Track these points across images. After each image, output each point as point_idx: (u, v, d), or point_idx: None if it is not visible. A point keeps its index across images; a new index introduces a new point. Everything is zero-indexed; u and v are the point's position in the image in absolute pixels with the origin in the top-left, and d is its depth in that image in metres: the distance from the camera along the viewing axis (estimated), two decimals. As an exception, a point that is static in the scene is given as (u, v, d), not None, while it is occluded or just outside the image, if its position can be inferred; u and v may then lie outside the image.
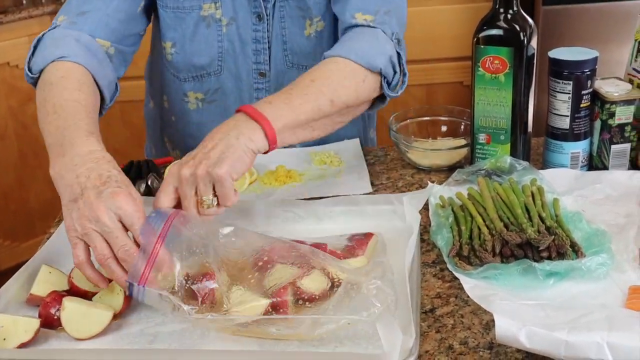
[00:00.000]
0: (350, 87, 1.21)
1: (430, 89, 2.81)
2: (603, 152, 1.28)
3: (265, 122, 1.09)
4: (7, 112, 2.67)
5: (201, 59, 1.44)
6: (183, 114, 1.51)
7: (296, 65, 1.45)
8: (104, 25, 1.31)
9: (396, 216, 1.16)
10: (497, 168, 1.24)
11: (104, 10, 1.31)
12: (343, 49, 1.24)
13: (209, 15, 1.40)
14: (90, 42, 1.28)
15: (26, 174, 2.73)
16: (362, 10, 1.30)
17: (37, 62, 1.25)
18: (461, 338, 0.92)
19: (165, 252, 0.94)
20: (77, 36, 1.27)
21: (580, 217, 1.10)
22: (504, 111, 1.25)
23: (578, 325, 0.84)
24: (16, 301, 1.02)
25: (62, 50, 1.23)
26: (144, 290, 0.92)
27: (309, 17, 1.41)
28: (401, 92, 1.29)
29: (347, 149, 1.46)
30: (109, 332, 0.96)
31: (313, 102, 1.15)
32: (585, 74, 1.24)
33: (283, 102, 1.13)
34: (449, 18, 2.73)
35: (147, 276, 0.92)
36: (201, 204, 1.02)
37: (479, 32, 1.23)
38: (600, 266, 1.00)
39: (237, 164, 1.03)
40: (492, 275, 1.01)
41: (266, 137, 1.08)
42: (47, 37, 1.28)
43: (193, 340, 0.93)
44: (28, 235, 2.71)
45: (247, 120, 1.09)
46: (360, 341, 0.90)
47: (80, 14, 1.30)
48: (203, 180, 1.01)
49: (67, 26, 1.29)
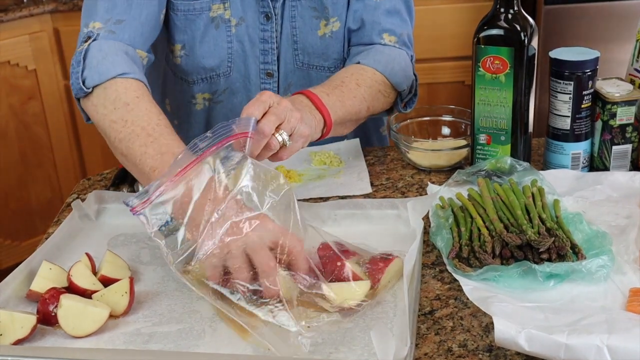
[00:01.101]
0: (380, 99, 1.37)
1: (432, 88, 2.81)
2: (604, 153, 1.28)
3: (327, 115, 1.21)
4: (8, 111, 2.67)
5: (210, 61, 1.42)
6: (189, 116, 1.50)
7: (307, 64, 1.46)
8: (140, 34, 1.29)
9: (401, 221, 1.15)
10: (497, 169, 1.24)
11: (139, 19, 1.29)
12: (380, 64, 1.38)
13: (218, 16, 1.39)
14: (135, 56, 1.27)
15: (27, 174, 2.73)
16: (389, 32, 1.44)
17: (92, 76, 1.21)
18: (460, 340, 0.91)
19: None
20: (124, 49, 1.26)
21: (581, 219, 1.09)
22: (505, 112, 1.24)
23: (578, 328, 0.84)
24: (16, 296, 1.02)
25: (121, 67, 1.21)
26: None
27: (325, 17, 1.42)
28: (410, 109, 1.44)
29: (347, 149, 1.45)
30: (105, 330, 0.95)
31: (358, 105, 1.31)
32: (587, 74, 1.23)
33: (338, 99, 1.26)
34: (451, 17, 2.72)
35: None
36: (277, 132, 1.07)
37: (480, 32, 1.22)
38: (600, 268, 0.99)
39: (308, 137, 1.13)
40: (492, 277, 1.00)
41: (323, 128, 1.21)
42: (94, 48, 1.24)
43: (189, 341, 0.93)
44: (28, 234, 2.71)
45: (312, 108, 1.20)
46: (356, 348, 0.90)
47: (117, 22, 1.27)
48: (290, 122, 1.08)
49: (106, 36, 1.26)
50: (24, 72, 2.67)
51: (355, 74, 1.35)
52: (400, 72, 1.40)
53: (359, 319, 0.94)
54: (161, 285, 1.05)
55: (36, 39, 2.66)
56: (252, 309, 0.91)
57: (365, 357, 0.88)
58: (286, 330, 0.90)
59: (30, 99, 2.69)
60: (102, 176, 1.42)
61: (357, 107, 1.30)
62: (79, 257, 1.07)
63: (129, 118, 1.15)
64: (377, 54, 1.40)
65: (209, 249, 0.94)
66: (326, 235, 1.04)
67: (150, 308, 1.00)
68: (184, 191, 0.97)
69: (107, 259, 1.05)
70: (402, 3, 1.45)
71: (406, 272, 0.92)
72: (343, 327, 0.93)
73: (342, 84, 1.30)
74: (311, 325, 0.91)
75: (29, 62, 2.66)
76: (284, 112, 1.08)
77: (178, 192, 0.97)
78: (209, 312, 0.98)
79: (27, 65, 2.66)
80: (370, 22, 1.43)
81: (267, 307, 0.91)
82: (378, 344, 0.82)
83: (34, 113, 2.72)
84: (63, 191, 2.75)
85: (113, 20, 1.28)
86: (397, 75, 1.39)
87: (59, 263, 1.06)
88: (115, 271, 1.04)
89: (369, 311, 0.96)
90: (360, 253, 1.03)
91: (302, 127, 1.11)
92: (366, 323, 0.94)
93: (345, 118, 1.28)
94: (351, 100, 1.29)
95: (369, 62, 1.38)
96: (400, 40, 1.45)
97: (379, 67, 1.37)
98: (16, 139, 2.70)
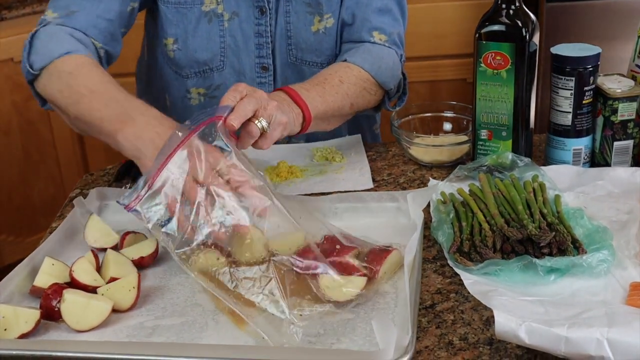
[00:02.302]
0: (365, 97, 1.38)
1: (433, 86, 2.81)
2: (605, 148, 1.28)
3: (306, 109, 1.22)
4: (11, 108, 2.67)
5: (203, 55, 1.44)
6: (184, 110, 1.51)
7: (300, 60, 1.46)
8: (92, 25, 1.32)
9: (401, 213, 1.16)
10: (498, 164, 1.24)
11: (93, 11, 1.32)
12: (366, 62, 1.39)
13: (211, 11, 1.40)
14: (83, 38, 1.30)
15: (30, 170, 2.74)
16: (379, 30, 1.44)
17: (38, 59, 1.26)
18: (461, 334, 0.92)
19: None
20: (71, 32, 1.29)
21: (582, 214, 1.10)
22: (506, 107, 1.24)
23: (578, 321, 0.84)
24: (19, 292, 1.03)
25: (65, 46, 1.25)
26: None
27: (319, 13, 1.43)
28: (398, 108, 1.45)
29: (349, 145, 1.46)
30: (108, 324, 0.96)
31: (340, 101, 1.31)
32: (588, 70, 1.23)
33: (318, 95, 1.27)
34: (453, 15, 2.72)
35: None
36: (257, 119, 1.09)
37: (481, 28, 1.22)
38: (601, 263, 1.00)
39: (287, 124, 1.14)
40: (493, 271, 1.00)
41: (303, 122, 1.22)
42: (42, 33, 1.29)
43: (192, 334, 0.94)
44: (31, 230, 2.71)
45: (291, 102, 1.21)
46: (357, 339, 0.90)
47: (69, 14, 1.31)
48: (267, 109, 1.10)
49: (58, 22, 1.30)
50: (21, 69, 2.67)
51: (339, 71, 1.36)
52: (388, 71, 1.41)
53: (359, 309, 0.95)
54: (163, 279, 1.06)
55: (39, 36, 2.67)
56: (249, 296, 0.93)
57: (367, 347, 0.89)
58: (279, 319, 0.91)
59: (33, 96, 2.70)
60: (105, 171, 1.42)
61: (339, 102, 1.31)
62: (81, 253, 1.07)
63: (73, 83, 1.20)
64: (365, 53, 1.41)
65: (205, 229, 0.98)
66: (331, 227, 1.05)
67: (152, 302, 1.00)
68: (171, 180, 1.00)
69: (110, 258, 1.05)
70: (395, 3, 1.46)
71: (407, 263, 0.93)
72: (343, 317, 0.94)
73: (325, 80, 1.32)
74: (303, 314, 0.92)
75: (32, 59, 2.66)
76: (260, 99, 1.10)
77: (166, 182, 0.99)
78: (211, 305, 0.99)
79: (31, 62, 2.67)
80: (361, 19, 1.44)
81: (261, 295, 0.93)
82: (379, 333, 0.83)
83: (37, 110, 2.72)
84: (66, 188, 2.75)
85: (67, 11, 1.31)
86: (383, 74, 1.40)
87: (62, 259, 1.07)
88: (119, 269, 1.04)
89: (370, 302, 0.97)
90: (361, 245, 1.04)
91: (279, 115, 1.12)
92: (367, 314, 0.95)
93: (327, 113, 1.29)
94: (333, 96, 1.30)
95: (356, 60, 1.39)
96: (390, 39, 1.45)
97: (365, 65, 1.38)
98: (19, 135, 2.70)
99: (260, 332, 0.90)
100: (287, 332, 0.90)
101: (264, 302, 0.92)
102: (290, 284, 0.94)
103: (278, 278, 0.94)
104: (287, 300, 0.92)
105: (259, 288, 0.94)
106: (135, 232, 1.13)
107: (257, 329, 0.90)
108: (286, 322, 0.91)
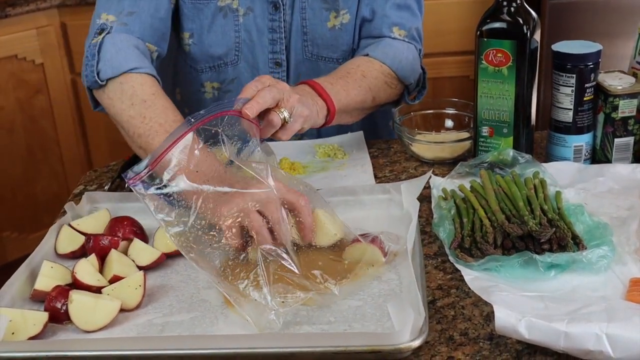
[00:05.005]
0: (387, 91, 1.41)
1: (436, 83, 2.81)
2: (606, 145, 1.28)
3: (330, 102, 1.25)
4: (15, 105, 2.68)
5: (218, 49, 1.45)
6: (199, 104, 1.52)
7: (316, 56, 1.47)
8: (149, 26, 1.34)
9: (393, 204, 1.18)
10: (499, 161, 1.25)
11: (148, 11, 1.34)
12: (387, 57, 1.41)
13: (226, 6, 1.42)
14: (145, 50, 1.33)
15: (33, 167, 2.75)
16: (399, 25, 1.46)
17: (107, 70, 1.27)
18: (461, 329, 0.93)
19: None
20: (135, 43, 1.31)
21: (582, 210, 1.10)
22: (507, 104, 1.25)
23: (577, 317, 0.85)
24: (20, 297, 1.01)
25: (132, 62, 1.27)
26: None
27: (335, 9, 1.44)
28: (417, 101, 1.47)
29: (351, 142, 1.46)
30: (116, 324, 0.96)
31: (363, 94, 1.35)
32: (589, 67, 1.24)
33: (342, 88, 1.30)
34: (455, 12, 2.72)
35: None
36: (278, 110, 1.11)
37: (482, 25, 1.23)
38: (601, 258, 1.00)
39: (307, 118, 1.17)
40: (493, 267, 1.01)
41: (327, 115, 1.25)
42: (108, 42, 1.30)
43: (203, 328, 0.94)
44: (35, 227, 2.72)
45: (315, 95, 1.24)
46: (368, 324, 0.92)
47: (129, 14, 1.32)
48: (289, 101, 1.12)
49: (119, 29, 1.31)
50: (31, 66, 2.68)
51: (362, 65, 1.38)
52: (408, 66, 1.43)
53: (366, 297, 0.97)
54: (165, 278, 1.06)
55: (43, 33, 2.68)
56: (235, 282, 0.95)
57: (380, 331, 0.90)
58: (264, 306, 0.93)
59: (37, 93, 2.71)
60: (109, 167, 1.43)
61: (362, 96, 1.35)
62: None
63: (147, 114, 1.21)
64: (386, 47, 1.43)
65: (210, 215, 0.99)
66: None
67: (158, 300, 1.01)
68: (175, 162, 1.01)
69: (113, 258, 1.05)
70: None
71: (409, 247, 0.97)
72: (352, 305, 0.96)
73: (348, 74, 1.35)
74: (286, 301, 0.94)
75: (36, 56, 2.68)
76: (282, 91, 1.12)
77: (170, 163, 1.00)
78: (217, 300, 0.99)
79: (35, 59, 2.68)
80: (381, 15, 1.45)
81: (245, 281, 0.95)
82: (395, 316, 0.84)
83: (41, 107, 2.74)
84: (69, 184, 2.76)
85: (125, 12, 1.32)
86: (404, 69, 1.43)
87: (57, 261, 1.06)
88: (123, 269, 1.04)
89: (375, 289, 0.98)
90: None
91: (300, 107, 1.15)
92: (374, 300, 0.97)
93: (350, 106, 1.32)
94: (356, 90, 1.33)
95: (377, 54, 1.41)
96: (409, 35, 1.47)
97: (386, 60, 1.41)
98: (23, 132, 2.71)
99: (245, 316, 0.92)
100: (269, 318, 0.92)
101: (247, 289, 0.95)
102: (274, 272, 0.96)
103: (263, 266, 0.95)
104: (269, 287, 0.94)
105: (245, 273, 0.96)
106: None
107: (243, 312, 0.92)
108: (268, 308, 0.93)
